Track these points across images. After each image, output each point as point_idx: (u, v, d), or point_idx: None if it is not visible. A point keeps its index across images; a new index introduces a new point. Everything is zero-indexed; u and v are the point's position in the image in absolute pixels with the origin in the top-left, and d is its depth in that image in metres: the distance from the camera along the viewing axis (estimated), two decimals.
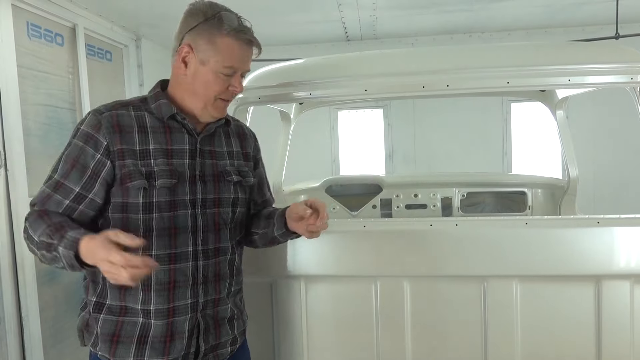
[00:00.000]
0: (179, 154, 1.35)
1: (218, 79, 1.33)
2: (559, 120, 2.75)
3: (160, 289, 1.31)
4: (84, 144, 1.29)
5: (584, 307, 1.69)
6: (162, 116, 1.35)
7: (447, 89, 1.76)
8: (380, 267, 1.76)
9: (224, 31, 1.30)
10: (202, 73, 1.32)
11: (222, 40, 1.30)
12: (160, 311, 1.31)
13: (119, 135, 1.29)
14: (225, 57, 1.31)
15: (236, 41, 1.31)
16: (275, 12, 4.13)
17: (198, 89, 1.34)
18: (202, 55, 1.31)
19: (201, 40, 1.31)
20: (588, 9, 4.43)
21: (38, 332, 2.88)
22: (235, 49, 1.32)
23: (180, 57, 1.33)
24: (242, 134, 1.55)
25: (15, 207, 2.77)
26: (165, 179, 1.30)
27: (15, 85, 2.81)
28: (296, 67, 2.01)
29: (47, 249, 1.21)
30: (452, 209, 3.12)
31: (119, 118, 1.32)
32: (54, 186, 1.29)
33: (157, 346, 1.31)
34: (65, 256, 1.18)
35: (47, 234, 1.21)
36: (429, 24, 4.79)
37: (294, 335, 1.83)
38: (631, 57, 1.73)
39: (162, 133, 1.35)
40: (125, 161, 1.29)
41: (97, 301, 1.33)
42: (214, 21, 1.30)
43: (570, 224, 1.71)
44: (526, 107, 5.31)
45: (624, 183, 4.99)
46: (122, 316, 1.31)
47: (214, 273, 1.39)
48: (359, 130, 5.69)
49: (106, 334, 1.31)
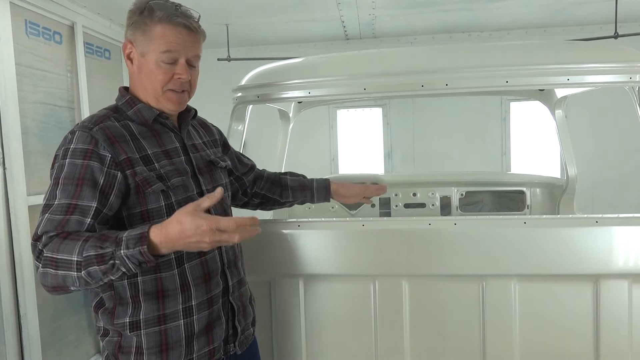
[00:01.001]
0: (175, 153, 1.38)
1: (160, 68, 1.32)
2: (557, 119, 2.75)
3: (198, 282, 1.35)
4: (87, 160, 1.23)
5: (583, 306, 1.69)
6: (145, 120, 1.35)
7: (446, 88, 1.76)
8: (379, 266, 1.76)
9: (156, 19, 1.30)
10: (144, 65, 1.33)
11: (154, 28, 1.30)
12: (202, 304, 1.35)
13: (118, 146, 1.27)
14: (161, 44, 1.30)
15: (169, 26, 1.30)
16: (274, 10, 4.13)
17: (145, 82, 1.35)
18: (141, 48, 1.32)
19: (138, 33, 1.32)
20: (587, 9, 4.43)
21: (36, 331, 2.88)
22: (169, 34, 1.30)
23: (125, 55, 1.36)
24: (203, 124, 1.61)
25: (13, 205, 2.77)
26: (176, 178, 1.33)
27: (14, 84, 2.80)
28: (295, 65, 2.01)
29: (99, 261, 1.11)
30: (451, 208, 3.12)
31: (110, 130, 1.29)
32: (66, 209, 1.19)
33: (202, 339, 1.35)
34: (131, 257, 1.11)
35: (93, 247, 1.12)
36: (428, 23, 4.79)
37: (293, 334, 1.83)
38: (630, 56, 1.73)
39: (152, 137, 1.35)
40: (136, 169, 1.28)
41: (131, 321, 1.29)
42: (146, 12, 1.31)
43: (568, 223, 1.71)
44: (525, 107, 5.31)
45: (623, 182, 5.00)
46: (164, 324, 1.30)
47: (233, 256, 1.47)
48: (357, 129, 5.69)
49: (153, 347, 1.29)
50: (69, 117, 3.36)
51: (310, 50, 5.23)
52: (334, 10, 4.26)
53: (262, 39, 5.18)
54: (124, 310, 1.29)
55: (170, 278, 1.31)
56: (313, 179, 1.79)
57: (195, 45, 1.35)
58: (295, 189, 1.77)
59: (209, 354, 1.37)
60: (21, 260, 2.79)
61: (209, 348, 1.37)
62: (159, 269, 1.29)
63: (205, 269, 1.37)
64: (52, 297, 3.08)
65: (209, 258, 1.38)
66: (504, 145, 5.38)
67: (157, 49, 1.30)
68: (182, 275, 1.32)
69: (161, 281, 1.30)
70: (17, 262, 2.78)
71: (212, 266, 1.38)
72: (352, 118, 5.69)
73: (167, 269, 1.30)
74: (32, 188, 2.92)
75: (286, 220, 1.82)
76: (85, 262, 1.12)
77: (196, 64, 1.39)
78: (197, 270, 1.35)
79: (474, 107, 5.18)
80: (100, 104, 3.89)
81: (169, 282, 1.30)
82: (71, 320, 3.27)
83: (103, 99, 3.76)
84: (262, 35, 5.05)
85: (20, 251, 2.78)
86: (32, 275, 2.86)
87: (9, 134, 2.75)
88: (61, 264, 1.14)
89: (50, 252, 1.15)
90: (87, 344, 3.45)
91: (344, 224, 1.78)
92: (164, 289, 1.30)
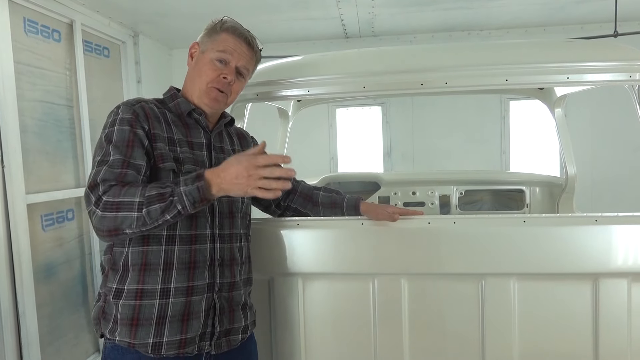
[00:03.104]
0: (198, 146, 1.50)
1: (212, 65, 1.49)
2: (557, 118, 2.75)
3: (182, 267, 1.40)
4: (131, 127, 1.38)
5: (582, 304, 1.69)
6: (181, 112, 1.51)
7: (446, 87, 1.76)
8: (378, 264, 1.76)
9: (223, 28, 1.52)
10: (200, 60, 1.51)
11: (221, 34, 1.52)
12: (179, 289, 1.39)
13: (151, 122, 1.42)
14: (220, 45, 1.50)
15: (232, 35, 1.51)
16: (273, 9, 4.12)
17: (196, 75, 1.51)
18: (203, 47, 1.53)
19: (206, 37, 1.54)
20: (587, 7, 4.42)
21: (35, 329, 2.87)
22: (230, 40, 1.51)
23: (190, 53, 1.56)
24: (242, 136, 1.74)
25: (12, 203, 2.77)
26: (190, 165, 1.43)
27: (12, 82, 2.80)
28: (294, 64, 2.00)
29: (160, 199, 1.26)
30: (450, 207, 3.12)
31: (148, 109, 1.45)
32: (121, 164, 1.34)
33: (175, 325, 1.38)
34: (188, 193, 1.26)
35: (155, 188, 1.28)
36: (428, 21, 4.78)
37: (292, 332, 1.83)
38: (630, 55, 1.73)
39: (182, 127, 1.50)
40: (158, 144, 1.40)
41: (117, 287, 1.39)
42: (219, 23, 1.53)
43: (568, 222, 1.71)
44: (524, 105, 5.31)
45: (622, 181, 4.99)
46: (139, 300, 1.37)
47: (229, 257, 1.50)
48: (357, 128, 5.68)
49: (125, 319, 1.37)
50: (68, 115, 3.36)
51: (310, 48, 5.22)
52: (334, 9, 4.26)
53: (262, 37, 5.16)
54: (113, 276, 1.41)
55: (156, 253, 1.38)
56: (345, 196, 1.82)
57: (249, 58, 1.54)
58: (326, 206, 1.82)
59: (180, 343, 1.39)
60: (20, 259, 2.78)
61: (180, 337, 1.39)
62: (148, 241, 1.38)
63: (193, 257, 1.42)
64: (51, 296, 3.08)
65: (198, 248, 1.43)
66: (504, 144, 5.38)
67: (215, 48, 1.49)
68: (168, 254, 1.39)
69: (146, 254, 1.38)
70: (16, 260, 2.77)
71: (199, 257, 1.43)
72: (351, 116, 5.68)
73: (156, 243, 1.38)
74: (31, 186, 2.92)
75: (285, 219, 1.82)
76: (147, 201, 1.27)
77: (245, 76, 1.56)
78: (184, 255, 1.40)
79: (473, 105, 5.17)
80: (99, 102, 3.89)
81: (153, 257, 1.38)
82: (70, 318, 3.27)
83: (102, 97, 3.76)
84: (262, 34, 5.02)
85: (19, 249, 2.78)
86: (31, 273, 2.86)
87: (8, 132, 2.74)
88: (123, 205, 1.27)
89: (112, 197, 1.28)
90: (86, 343, 3.45)
91: (343, 223, 1.78)
92: (147, 262, 1.38)
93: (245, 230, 1.60)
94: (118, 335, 1.37)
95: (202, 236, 1.43)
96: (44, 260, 3.05)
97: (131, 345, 1.36)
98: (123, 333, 1.37)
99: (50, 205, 3.10)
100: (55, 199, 3.11)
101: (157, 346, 1.36)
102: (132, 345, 1.36)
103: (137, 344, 1.36)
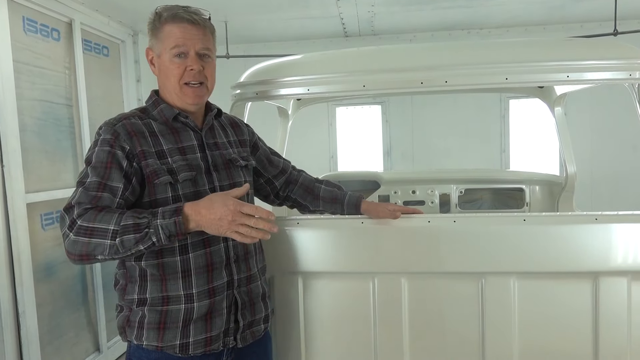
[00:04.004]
0: (191, 150, 1.47)
1: (173, 64, 1.43)
2: (557, 117, 2.75)
3: (200, 272, 1.41)
4: (111, 147, 1.37)
5: (582, 303, 1.69)
6: (166, 119, 1.47)
7: (446, 85, 1.76)
8: (378, 263, 1.76)
9: (163, 20, 1.44)
10: (161, 65, 1.46)
11: (163, 29, 1.44)
12: (202, 293, 1.41)
13: (136, 139, 1.40)
14: (169, 41, 1.42)
15: (173, 24, 1.43)
16: (273, 7, 4.11)
17: (165, 81, 1.47)
18: (156, 50, 1.47)
19: (153, 39, 1.47)
20: (586, 6, 4.42)
21: (35, 329, 2.87)
22: (175, 30, 1.43)
23: (149, 61, 1.51)
24: (234, 124, 1.69)
25: (11, 203, 2.76)
26: (186, 172, 1.41)
27: (11, 81, 2.79)
28: (294, 63, 2.00)
29: (135, 229, 1.25)
30: (450, 206, 3.12)
31: (131, 125, 1.42)
32: (97, 187, 1.32)
33: (200, 324, 1.41)
34: (165, 227, 1.25)
35: (131, 217, 1.26)
36: (428, 20, 4.78)
37: (292, 331, 1.83)
38: (629, 53, 1.72)
39: (170, 134, 1.46)
40: (148, 161, 1.39)
41: (139, 298, 1.41)
42: (155, 17, 1.46)
43: (568, 221, 1.71)
44: (524, 104, 5.31)
45: (622, 180, 4.99)
46: (165, 306, 1.40)
47: (243, 251, 1.51)
48: (357, 127, 5.68)
49: (153, 323, 1.39)
50: (67, 114, 3.35)
51: (309, 47, 5.21)
52: (333, 8, 4.25)
53: (261, 36, 5.17)
54: (132, 288, 1.42)
55: (172, 264, 1.40)
56: (346, 193, 1.80)
57: (203, 38, 1.45)
58: (327, 201, 1.80)
59: (205, 341, 1.42)
60: (19, 258, 2.78)
61: (205, 336, 1.42)
62: (162, 254, 1.38)
63: (209, 260, 1.43)
64: (51, 295, 3.08)
65: (213, 250, 1.43)
66: (503, 143, 5.38)
67: (167, 47, 1.43)
68: (185, 262, 1.40)
69: (163, 266, 1.40)
70: (16, 259, 2.77)
71: (215, 258, 1.44)
72: (351, 115, 5.68)
73: (170, 255, 1.39)
74: (30, 186, 2.92)
75: (286, 217, 1.82)
76: (122, 230, 1.25)
77: (210, 55, 1.49)
78: (200, 261, 1.42)
79: (473, 104, 5.17)
80: (99, 101, 3.89)
81: (170, 268, 1.40)
82: (70, 318, 3.27)
83: (101, 96, 3.75)
84: (261, 33, 5.04)
85: (18, 249, 2.78)
86: (31, 272, 2.86)
87: (7, 132, 2.74)
88: (97, 232, 1.25)
89: (86, 222, 1.26)
90: (86, 342, 3.45)
91: (343, 222, 1.78)
92: (166, 273, 1.39)
93: None
94: (145, 340, 1.40)
95: (214, 238, 1.42)
96: (44, 259, 3.04)
97: (158, 349, 1.39)
98: (150, 337, 1.39)
99: (50, 204, 3.10)
100: (54, 198, 3.11)
101: (184, 346, 1.40)
102: (160, 348, 1.39)
103: (164, 347, 1.39)
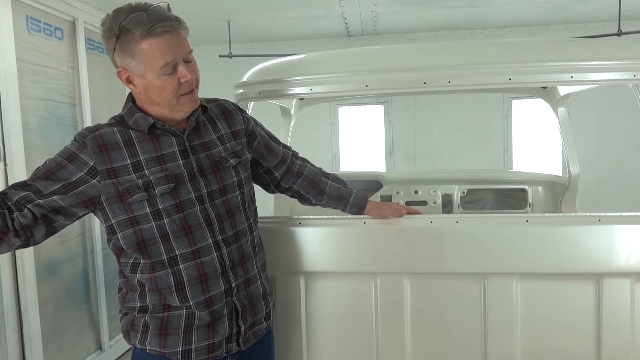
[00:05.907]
0: (171, 157, 1.37)
1: (165, 82, 1.30)
2: (560, 117, 2.74)
3: (194, 283, 1.37)
4: (66, 161, 1.31)
5: (585, 304, 1.68)
6: (142, 129, 1.36)
7: (449, 85, 1.75)
8: (380, 264, 1.75)
9: (137, 37, 1.26)
10: (149, 85, 1.31)
11: (140, 48, 1.27)
12: (199, 303, 1.37)
13: (106, 154, 1.32)
14: (154, 61, 1.27)
15: (152, 40, 1.26)
16: (276, 7, 4.11)
17: (155, 98, 1.34)
18: (137, 71, 1.30)
19: (127, 58, 1.29)
20: (590, 6, 4.41)
21: (37, 327, 2.88)
22: (157, 47, 1.27)
23: (124, 81, 1.34)
24: (227, 113, 1.54)
25: None
26: (163, 185, 1.33)
27: (15, 80, 2.80)
28: (297, 62, 2.00)
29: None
30: (453, 206, 3.12)
31: (103, 137, 1.33)
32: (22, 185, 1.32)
33: (202, 331, 1.39)
34: None
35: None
36: (431, 20, 4.77)
37: (294, 331, 1.83)
38: (633, 54, 1.72)
39: (149, 141, 1.36)
40: (119, 179, 1.31)
41: (140, 305, 1.40)
42: (123, 35, 1.26)
43: (571, 222, 1.70)
44: (527, 104, 5.30)
45: (626, 180, 4.98)
46: (166, 312, 1.38)
47: (239, 257, 1.45)
48: (359, 127, 5.68)
49: (155, 328, 1.38)
50: (70, 113, 3.36)
51: (312, 47, 5.22)
52: (336, 7, 4.25)
53: (264, 35, 5.17)
54: (133, 296, 1.41)
55: (164, 277, 1.36)
56: (352, 191, 1.73)
57: (184, 43, 1.32)
58: (331, 197, 1.72)
59: (208, 348, 1.40)
60: (22, 256, 2.79)
61: (208, 342, 1.40)
62: (153, 268, 1.36)
63: (201, 271, 1.37)
64: (53, 294, 3.08)
65: (205, 261, 1.37)
66: (506, 143, 5.37)
67: (154, 67, 1.28)
68: (176, 275, 1.36)
69: (156, 280, 1.36)
70: (18, 258, 2.78)
71: (208, 268, 1.38)
72: (353, 115, 5.68)
73: (161, 268, 1.36)
74: None
75: (288, 217, 1.82)
76: None
77: (191, 55, 1.36)
78: (192, 272, 1.36)
79: (476, 104, 5.17)
80: (102, 100, 3.88)
81: (163, 281, 1.36)
82: (72, 316, 3.27)
83: (104, 95, 3.76)
84: (264, 32, 5.04)
85: None
86: (33, 271, 2.87)
87: (10, 130, 2.74)
88: None
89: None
90: (89, 341, 3.46)
91: (346, 222, 1.77)
92: (159, 287, 1.37)
93: (250, 221, 1.51)
94: (148, 345, 1.39)
95: (205, 248, 1.37)
96: (47, 258, 3.05)
97: (161, 354, 1.38)
98: (153, 342, 1.38)
99: None
100: None
101: (187, 353, 1.38)
102: (162, 354, 1.38)
103: (167, 353, 1.38)
